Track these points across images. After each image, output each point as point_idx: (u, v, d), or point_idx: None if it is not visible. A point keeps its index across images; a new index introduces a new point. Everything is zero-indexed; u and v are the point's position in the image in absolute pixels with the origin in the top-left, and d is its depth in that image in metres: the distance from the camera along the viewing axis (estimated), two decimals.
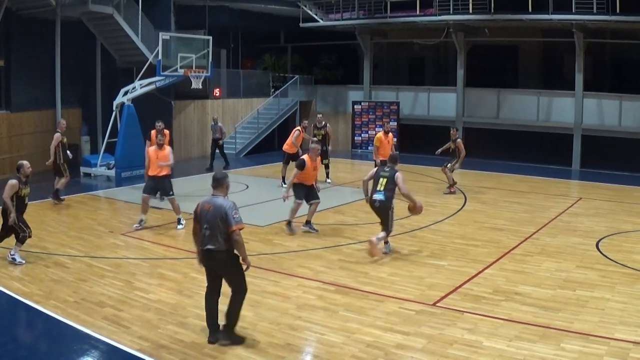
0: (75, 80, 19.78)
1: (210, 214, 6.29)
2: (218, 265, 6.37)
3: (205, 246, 6.31)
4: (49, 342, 6.57)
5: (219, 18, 23.63)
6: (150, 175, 11.63)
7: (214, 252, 6.28)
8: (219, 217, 6.24)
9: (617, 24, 18.79)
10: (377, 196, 9.69)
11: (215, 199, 6.41)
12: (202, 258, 6.46)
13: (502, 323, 6.96)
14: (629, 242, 10.67)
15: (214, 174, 6.67)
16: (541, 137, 21.44)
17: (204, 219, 6.33)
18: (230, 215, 6.23)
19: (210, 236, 6.27)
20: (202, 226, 6.35)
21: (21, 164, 9.58)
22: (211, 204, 6.36)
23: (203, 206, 6.40)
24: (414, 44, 24.95)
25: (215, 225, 6.24)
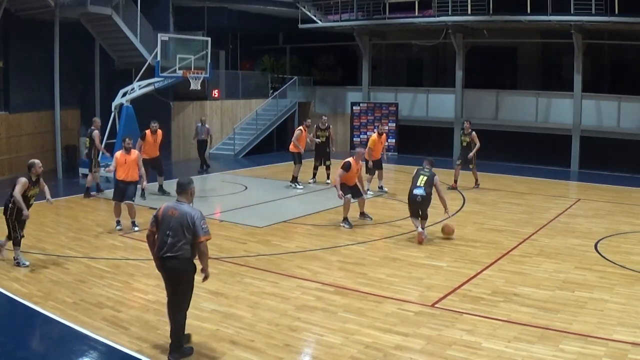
0: (74, 82, 19.78)
1: (174, 221, 5.98)
2: (175, 274, 6.02)
3: (165, 254, 5.98)
4: (48, 343, 6.56)
5: (218, 19, 23.62)
6: (120, 179, 11.58)
7: (173, 260, 5.96)
8: (184, 226, 5.95)
9: (615, 25, 18.80)
10: (418, 191, 10.61)
11: (181, 206, 6.09)
12: (159, 266, 6.11)
13: (500, 324, 6.96)
14: (628, 243, 10.68)
15: (179, 180, 6.36)
16: (540, 138, 21.45)
17: (167, 224, 5.99)
18: (199, 226, 5.97)
19: (172, 244, 5.95)
20: (163, 232, 6.01)
21: (32, 162, 9.49)
22: (177, 210, 6.03)
23: (167, 211, 6.06)
24: (412, 45, 24.96)
25: (180, 233, 5.95)
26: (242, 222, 12.17)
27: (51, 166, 18.71)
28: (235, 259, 9.65)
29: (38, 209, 13.29)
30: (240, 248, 10.33)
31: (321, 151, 16.49)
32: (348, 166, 11.72)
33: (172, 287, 6.09)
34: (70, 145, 20.03)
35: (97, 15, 18.20)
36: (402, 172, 19.73)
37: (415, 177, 10.85)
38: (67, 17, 17.97)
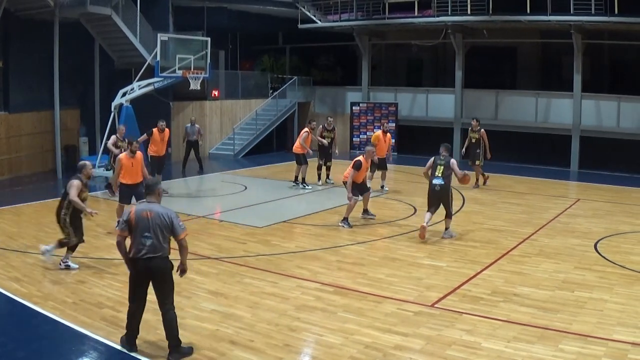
0: (74, 82, 19.78)
1: (152, 222, 6.03)
2: (155, 273, 6.07)
3: (145, 255, 6.00)
4: (47, 343, 6.56)
5: (218, 19, 23.62)
6: (127, 183, 11.22)
7: (154, 260, 6.03)
8: (163, 226, 6.04)
9: (615, 25, 18.81)
10: (437, 181, 10.81)
11: (153, 206, 6.15)
12: (136, 267, 6.10)
13: (500, 324, 6.96)
14: (628, 244, 10.68)
15: (146, 181, 6.44)
16: (539, 138, 21.46)
17: (144, 226, 6.02)
18: (176, 224, 6.10)
19: (152, 245, 6.01)
20: (140, 234, 6.02)
21: (84, 164, 9.34)
22: (152, 212, 6.08)
23: (141, 213, 6.07)
24: (412, 45, 24.97)
25: (159, 234, 6.03)
26: (242, 222, 12.18)
27: (51, 166, 18.75)
28: (235, 259, 9.65)
29: (38, 209, 13.35)
30: (240, 248, 10.33)
31: (325, 152, 16.44)
32: (359, 165, 11.84)
33: (157, 287, 6.15)
34: (70, 145, 20.03)
35: (97, 15, 18.19)
36: (401, 172, 19.74)
37: (433, 168, 10.96)
38: (67, 17, 17.96)
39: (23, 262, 9.33)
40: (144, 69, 17.84)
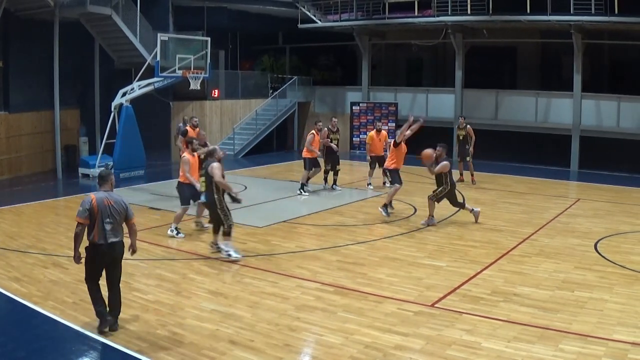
0: (74, 81, 19.80)
1: (112, 209, 6.56)
2: (117, 256, 6.67)
3: (109, 240, 6.52)
4: (47, 342, 6.55)
5: (218, 19, 23.63)
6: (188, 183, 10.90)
7: (116, 244, 6.60)
8: (120, 212, 6.60)
9: (615, 24, 18.81)
10: None
11: (111, 195, 6.68)
12: (99, 252, 6.53)
13: (500, 324, 6.96)
14: (628, 243, 10.68)
15: (100, 172, 6.93)
16: (539, 138, 21.46)
17: (105, 213, 6.52)
18: (129, 209, 6.74)
19: (112, 229, 6.55)
20: (101, 220, 6.50)
21: (214, 148, 9.88)
22: (111, 199, 6.61)
23: (102, 201, 6.56)
24: (412, 45, 24.96)
25: (118, 219, 6.60)
26: (242, 222, 12.15)
27: (51, 166, 18.76)
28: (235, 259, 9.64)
29: (38, 209, 13.35)
30: (240, 248, 10.31)
31: (332, 156, 15.80)
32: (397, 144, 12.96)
33: (114, 267, 6.72)
34: (70, 145, 20.05)
35: (97, 15, 18.20)
36: (401, 172, 19.70)
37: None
38: (66, 17, 17.98)
39: (23, 262, 9.33)
40: (144, 69, 17.85)
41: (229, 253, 9.43)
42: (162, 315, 7.23)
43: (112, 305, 6.72)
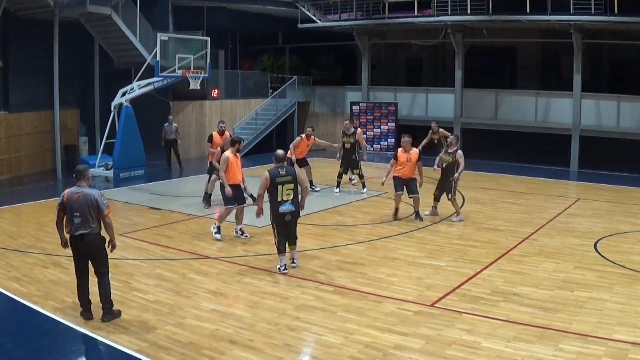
0: (74, 81, 19.80)
1: (80, 202, 6.84)
2: (90, 248, 6.93)
3: (78, 232, 6.85)
4: (47, 342, 6.56)
5: (218, 19, 23.63)
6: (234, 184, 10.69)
7: (86, 237, 6.85)
8: (89, 204, 6.84)
9: (615, 24, 18.81)
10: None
11: (82, 189, 6.94)
12: (73, 244, 6.93)
13: (500, 324, 6.96)
14: (628, 243, 10.67)
15: (77, 167, 7.19)
16: (539, 138, 21.46)
17: (74, 207, 6.84)
18: (100, 202, 6.90)
19: (82, 222, 6.83)
20: (71, 214, 6.84)
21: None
22: (80, 193, 6.89)
23: (72, 196, 6.88)
24: (412, 45, 24.97)
25: (86, 212, 6.83)
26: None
27: (51, 166, 18.76)
28: (235, 259, 9.65)
29: (38, 209, 13.35)
30: (240, 248, 10.33)
31: (347, 158, 15.33)
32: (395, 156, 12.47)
33: (92, 259, 7.02)
34: (70, 145, 20.05)
35: (97, 15, 18.20)
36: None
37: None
38: (66, 17, 17.98)
39: (23, 262, 9.33)
40: (144, 69, 17.85)
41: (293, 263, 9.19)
42: (162, 315, 7.23)
43: (99, 294, 7.03)
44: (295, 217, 8.90)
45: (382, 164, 22.11)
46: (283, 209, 8.73)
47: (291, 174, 8.79)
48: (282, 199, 8.72)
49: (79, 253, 7.00)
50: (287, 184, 8.71)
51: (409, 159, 12.19)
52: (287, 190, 8.72)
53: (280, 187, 8.70)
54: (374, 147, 24.60)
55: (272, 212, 8.86)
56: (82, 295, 7.08)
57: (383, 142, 24.55)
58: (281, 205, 8.73)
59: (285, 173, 8.76)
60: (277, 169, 8.80)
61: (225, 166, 10.50)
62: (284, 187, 8.71)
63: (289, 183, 8.71)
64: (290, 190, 8.73)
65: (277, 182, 8.69)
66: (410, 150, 12.38)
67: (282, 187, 8.70)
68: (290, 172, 8.82)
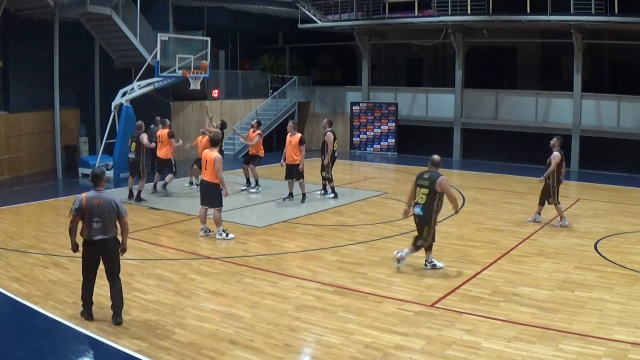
0: (74, 81, 19.79)
1: (101, 207, 6.81)
2: (107, 252, 6.91)
3: (96, 237, 6.81)
4: (47, 343, 6.55)
5: (218, 19, 23.62)
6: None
7: (105, 241, 6.84)
8: (109, 209, 6.83)
9: (615, 24, 18.82)
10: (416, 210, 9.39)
11: (102, 194, 6.91)
12: (88, 248, 6.91)
13: (500, 324, 6.96)
14: (628, 243, 10.68)
15: (93, 171, 7.13)
16: (539, 138, 21.44)
17: (95, 212, 6.79)
18: (121, 208, 6.93)
19: (101, 227, 6.81)
20: (91, 219, 6.79)
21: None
22: (100, 198, 6.85)
23: (91, 201, 6.82)
24: (412, 45, 24.96)
25: (107, 217, 6.82)
26: (242, 222, 12.18)
27: (51, 166, 18.75)
28: (235, 259, 9.65)
29: (38, 209, 13.35)
30: (240, 248, 10.33)
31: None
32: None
33: (108, 263, 6.98)
34: (70, 145, 20.05)
35: (97, 15, 18.18)
36: (401, 172, 19.76)
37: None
38: (66, 17, 17.97)
39: (23, 262, 9.33)
40: (144, 69, 17.84)
41: (434, 264, 9.16)
42: (162, 315, 7.23)
43: (112, 298, 6.99)
44: (422, 221, 8.94)
45: (381, 164, 22.15)
46: (413, 210, 8.99)
47: (431, 180, 8.84)
48: (416, 201, 8.98)
49: (93, 257, 6.96)
50: (423, 188, 8.87)
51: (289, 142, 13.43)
52: (422, 194, 8.88)
53: (417, 189, 8.95)
54: (374, 147, 24.60)
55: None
56: (86, 296, 7.07)
57: (383, 142, 24.54)
58: (413, 207, 9.00)
59: (427, 177, 8.91)
60: (422, 172, 9.03)
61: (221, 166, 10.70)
62: (420, 189, 8.90)
63: (425, 187, 8.85)
64: (424, 195, 8.85)
65: (417, 183, 8.98)
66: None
67: (419, 189, 8.91)
68: (431, 177, 8.87)
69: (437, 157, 9.06)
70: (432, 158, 9.06)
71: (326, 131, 14.44)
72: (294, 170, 13.81)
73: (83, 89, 20.63)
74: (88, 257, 6.97)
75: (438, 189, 8.72)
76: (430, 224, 8.86)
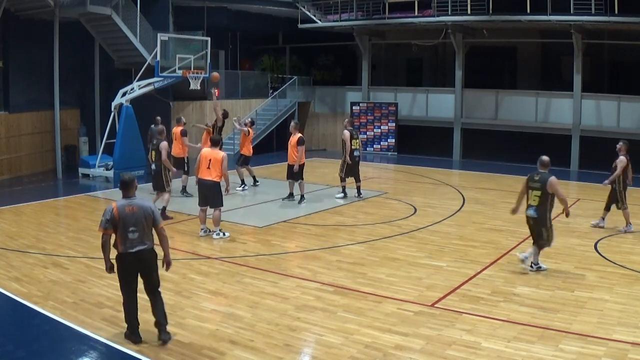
0: (74, 81, 19.80)
1: (136, 215, 6.21)
2: (147, 264, 6.34)
3: (134, 248, 6.21)
4: (47, 343, 6.55)
5: (218, 19, 23.62)
6: None
7: (144, 252, 6.28)
8: (145, 217, 6.25)
9: (615, 25, 18.81)
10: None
11: (135, 201, 6.33)
12: (126, 262, 6.26)
13: (500, 324, 6.96)
14: (627, 243, 10.68)
15: (122, 178, 6.48)
16: (539, 138, 21.45)
17: (129, 221, 6.17)
18: (157, 214, 6.39)
19: (138, 237, 6.22)
20: (126, 229, 6.16)
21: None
22: (134, 206, 6.25)
23: (123, 209, 6.20)
24: (412, 45, 24.95)
25: (143, 225, 6.24)
26: (242, 222, 12.18)
27: (51, 166, 18.76)
28: (235, 259, 9.65)
29: (38, 209, 13.35)
30: (240, 248, 10.34)
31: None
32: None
33: (147, 276, 6.41)
34: (70, 145, 20.06)
35: (97, 15, 18.19)
36: (401, 172, 19.77)
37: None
38: (66, 17, 17.97)
39: (23, 262, 9.32)
40: (144, 69, 17.84)
41: (539, 266, 9.05)
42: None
43: (154, 314, 6.45)
44: (537, 223, 8.91)
45: (381, 163, 22.14)
46: (527, 212, 8.97)
47: (542, 182, 8.84)
48: (529, 203, 8.96)
49: (132, 271, 6.32)
50: (535, 190, 8.86)
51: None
52: (534, 196, 8.88)
53: (530, 192, 8.94)
54: (374, 147, 24.59)
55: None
56: (132, 315, 6.41)
57: (383, 142, 24.54)
58: (526, 209, 8.98)
59: (538, 179, 8.91)
60: (532, 174, 9.02)
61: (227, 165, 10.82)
62: (532, 192, 8.90)
63: (537, 189, 8.84)
64: (537, 197, 8.83)
65: (529, 185, 8.97)
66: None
67: (532, 191, 8.91)
68: (542, 179, 8.86)
69: (546, 158, 9.07)
70: (542, 159, 9.10)
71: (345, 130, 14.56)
72: (293, 171, 13.82)
73: (83, 89, 20.64)
74: (127, 271, 6.32)
75: (549, 189, 8.75)
76: (546, 225, 8.87)
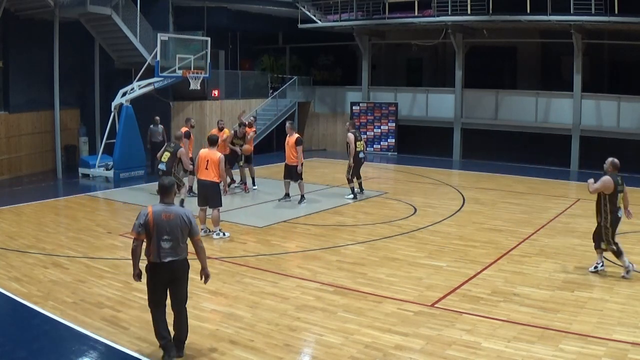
0: (74, 81, 19.80)
1: (172, 223, 5.86)
2: (177, 276, 5.98)
3: (166, 258, 5.85)
4: (47, 343, 6.55)
5: (218, 19, 23.61)
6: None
7: (176, 263, 5.91)
8: (181, 225, 5.89)
9: (615, 25, 18.80)
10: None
11: (172, 207, 5.97)
12: (155, 272, 5.95)
13: (500, 324, 6.96)
14: (627, 244, 10.66)
15: (161, 182, 6.11)
16: (539, 138, 21.46)
17: (164, 229, 5.82)
18: (194, 223, 6.01)
19: (171, 247, 5.86)
20: (159, 237, 5.82)
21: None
22: (171, 213, 5.89)
23: (159, 215, 5.85)
24: (412, 45, 24.95)
25: (178, 235, 5.88)
26: (242, 222, 12.18)
27: (51, 166, 18.76)
28: (235, 259, 9.65)
29: (38, 209, 13.35)
30: (240, 248, 10.34)
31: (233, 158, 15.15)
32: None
33: (176, 289, 6.02)
34: (70, 145, 20.06)
35: (97, 15, 18.19)
36: (401, 172, 19.77)
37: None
38: (66, 17, 17.97)
39: (23, 262, 9.32)
40: (144, 69, 17.84)
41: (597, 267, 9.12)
42: None
43: (175, 328, 6.06)
44: None
45: (381, 163, 22.14)
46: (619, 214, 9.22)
47: (624, 184, 9.13)
48: (619, 206, 9.19)
49: (162, 282, 5.94)
50: (622, 193, 9.19)
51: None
52: (621, 199, 9.23)
53: (618, 195, 9.22)
54: (374, 147, 24.59)
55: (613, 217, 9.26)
56: (162, 331, 5.97)
57: (383, 142, 24.54)
58: (618, 211, 9.23)
59: (622, 182, 9.19)
60: (617, 177, 9.21)
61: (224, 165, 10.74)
62: (620, 195, 9.23)
63: (623, 192, 9.18)
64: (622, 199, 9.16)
65: (618, 190, 9.18)
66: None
67: (620, 195, 9.23)
68: (623, 182, 9.16)
69: (617, 160, 9.36)
70: (616, 162, 9.35)
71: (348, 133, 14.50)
72: (292, 171, 13.80)
73: (83, 89, 20.64)
74: (157, 282, 5.95)
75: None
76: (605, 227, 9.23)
